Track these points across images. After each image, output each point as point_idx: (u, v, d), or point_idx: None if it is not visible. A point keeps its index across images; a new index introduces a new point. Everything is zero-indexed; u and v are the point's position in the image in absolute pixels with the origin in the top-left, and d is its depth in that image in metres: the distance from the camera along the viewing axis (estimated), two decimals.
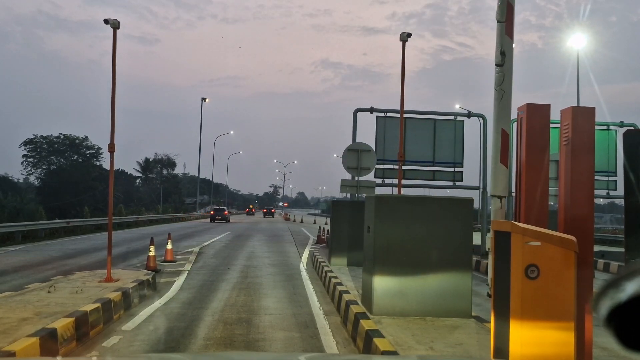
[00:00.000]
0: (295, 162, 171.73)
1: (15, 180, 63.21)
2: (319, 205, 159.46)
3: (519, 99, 4.81)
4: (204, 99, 52.68)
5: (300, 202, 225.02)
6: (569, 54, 23.62)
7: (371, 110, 13.75)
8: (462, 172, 13.91)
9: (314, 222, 49.00)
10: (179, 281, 9.54)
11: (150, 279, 8.00)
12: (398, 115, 14.36)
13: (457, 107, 53.13)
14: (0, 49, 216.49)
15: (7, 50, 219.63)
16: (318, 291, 8.77)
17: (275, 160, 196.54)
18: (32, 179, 63.61)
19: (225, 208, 52.38)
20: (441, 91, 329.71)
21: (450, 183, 13.93)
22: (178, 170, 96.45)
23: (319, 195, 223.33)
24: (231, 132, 76.98)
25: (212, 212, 46.47)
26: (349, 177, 13.18)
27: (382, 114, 13.75)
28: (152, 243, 10.95)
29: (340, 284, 7.93)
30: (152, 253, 10.82)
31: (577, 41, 22.44)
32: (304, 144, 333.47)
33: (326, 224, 44.21)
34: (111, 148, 7.52)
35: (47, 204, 52.59)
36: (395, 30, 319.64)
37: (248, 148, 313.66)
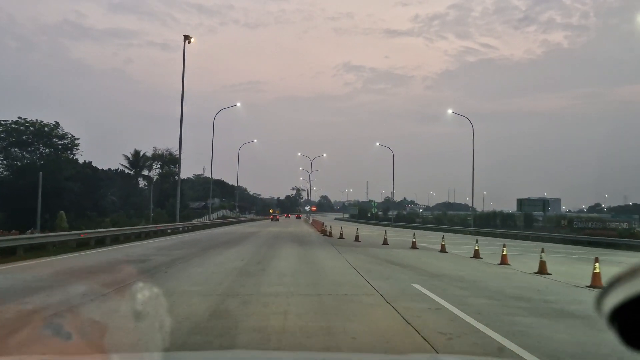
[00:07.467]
0: (324, 155, 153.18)
1: None
2: (346, 209, 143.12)
3: None
4: (187, 38, 36.59)
5: (324, 206, 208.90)
6: None
7: None
8: None
9: (389, 240, 29.97)
10: None
11: None
12: None
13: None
14: (25, 57, 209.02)
15: (32, 59, 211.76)
16: None
17: (299, 154, 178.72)
18: None
19: (277, 213, 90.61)
20: (465, 93, 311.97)
21: None
22: (190, 172, 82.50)
23: (344, 199, 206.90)
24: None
25: (271, 217, 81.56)
26: None
27: None
28: None
29: None
30: None
31: None
32: (326, 147, 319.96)
33: (443, 245, 21.49)
34: None
35: (7, 211, 39.17)
36: (418, 32, 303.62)
37: (269, 152, 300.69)
